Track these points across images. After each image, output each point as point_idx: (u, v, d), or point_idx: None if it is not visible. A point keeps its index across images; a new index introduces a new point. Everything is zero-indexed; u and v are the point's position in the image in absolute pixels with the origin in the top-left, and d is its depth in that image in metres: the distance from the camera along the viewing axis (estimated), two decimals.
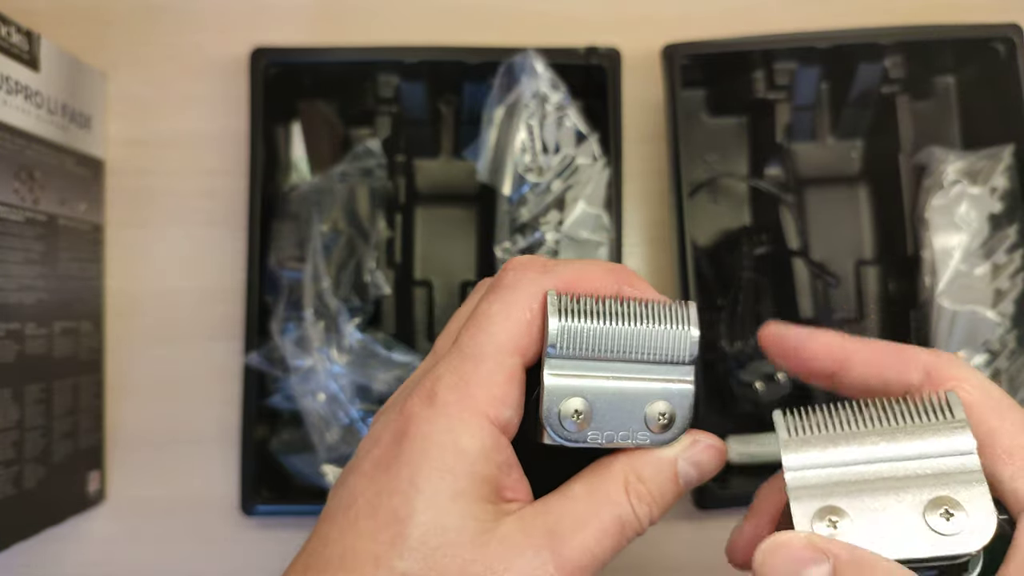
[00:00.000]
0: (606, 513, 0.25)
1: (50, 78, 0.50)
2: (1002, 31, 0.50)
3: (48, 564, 0.54)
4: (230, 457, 0.53)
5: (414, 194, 0.56)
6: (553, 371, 0.25)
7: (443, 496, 0.24)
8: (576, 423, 0.25)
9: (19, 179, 0.47)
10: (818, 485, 0.24)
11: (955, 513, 0.22)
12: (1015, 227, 0.50)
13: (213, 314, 0.55)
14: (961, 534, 0.22)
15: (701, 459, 0.26)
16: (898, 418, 0.24)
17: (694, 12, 0.57)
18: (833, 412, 0.25)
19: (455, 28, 0.57)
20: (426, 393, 0.25)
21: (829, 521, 0.23)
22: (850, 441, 0.24)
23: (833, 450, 0.24)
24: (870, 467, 0.24)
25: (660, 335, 0.25)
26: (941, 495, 0.22)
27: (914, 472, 0.23)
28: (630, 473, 0.25)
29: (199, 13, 0.58)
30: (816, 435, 0.25)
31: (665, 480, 0.26)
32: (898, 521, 0.22)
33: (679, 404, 0.25)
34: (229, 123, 0.56)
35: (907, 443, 0.23)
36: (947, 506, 0.22)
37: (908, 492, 0.23)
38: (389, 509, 0.24)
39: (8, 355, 0.46)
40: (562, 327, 0.25)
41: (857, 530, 0.23)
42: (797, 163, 0.55)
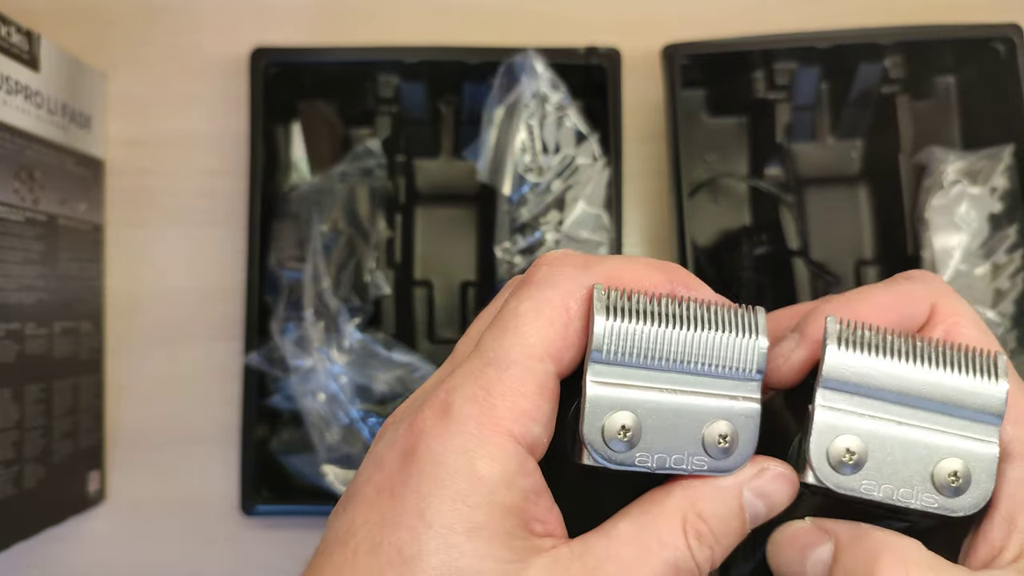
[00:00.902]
0: (658, 558, 0.21)
1: (50, 78, 0.50)
2: (1002, 31, 0.50)
3: (48, 564, 0.54)
4: (230, 457, 0.53)
5: (414, 194, 0.56)
6: (597, 378, 0.22)
7: (457, 532, 0.20)
8: (623, 442, 0.21)
9: (19, 179, 0.47)
10: (848, 411, 0.22)
11: (961, 478, 0.22)
12: (1015, 227, 0.50)
13: (213, 314, 0.55)
14: (959, 499, 0.22)
15: (770, 490, 0.22)
16: (948, 363, 0.23)
17: (694, 12, 0.57)
18: (889, 337, 0.23)
19: (455, 28, 0.57)
20: (439, 405, 0.21)
21: (848, 453, 0.22)
22: (895, 373, 0.23)
23: (875, 378, 0.23)
24: (904, 405, 0.23)
25: (723, 343, 0.22)
26: (957, 459, 0.22)
27: (939, 426, 0.22)
28: (688, 509, 0.21)
29: (199, 13, 0.58)
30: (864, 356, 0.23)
31: (730, 516, 0.22)
32: (906, 473, 0.22)
33: (743, 425, 0.22)
34: (229, 123, 0.56)
35: (947, 393, 0.22)
36: (957, 471, 0.22)
37: (927, 445, 0.22)
38: (393, 546, 0.20)
39: (8, 355, 0.46)
40: (610, 327, 0.21)
41: (869, 470, 0.22)
42: (797, 163, 0.55)
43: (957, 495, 0.22)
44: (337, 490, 0.48)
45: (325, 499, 0.49)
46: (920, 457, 0.22)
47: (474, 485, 0.20)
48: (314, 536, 0.57)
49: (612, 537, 0.21)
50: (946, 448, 0.22)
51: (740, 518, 0.22)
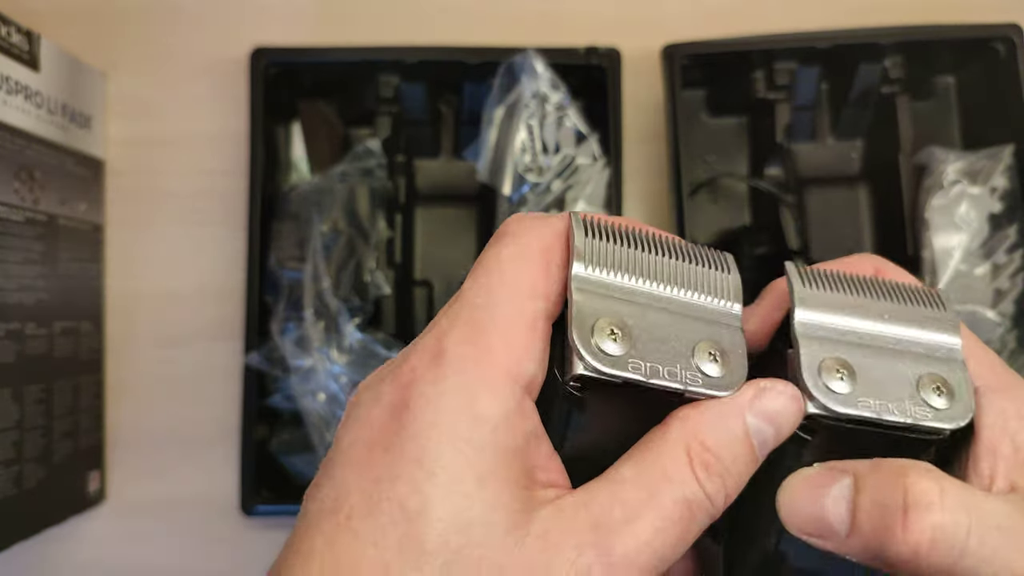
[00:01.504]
0: (667, 497, 0.19)
1: (50, 78, 0.50)
2: (1002, 31, 0.50)
3: (48, 564, 0.54)
4: (230, 457, 0.53)
5: (414, 194, 0.56)
6: (582, 287, 0.21)
7: (465, 480, 0.18)
8: (614, 343, 0.20)
9: (19, 179, 0.47)
10: (826, 337, 0.23)
11: (944, 390, 0.22)
12: (1015, 227, 0.50)
13: (213, 314, 0.55)
14: (947, 411, 0.22)
15: (774, 409, 0.21)
16: (899, 297, 0.24)
17: (694, 12, 0.57)
18: (843, 276, 0.24)
19: (455, 28, 0.57)
20: (430, 351, 0.20)
21: (838, 371, 0.22)
22: (858, 303, 0.24)
23: (841, 307, 0.23)
24: (874, 330, 0.23)
25: (701, 274, 0.22)
26: (934, 370, 0.23)
27: (911, 348, 0.23)
28: (691, 439, 0.20)
29: (199, 13, 0.58)
30: (826, 292, 0.24)
31: (735, 442, 0.21)
32: (894, 387, 0.22)
33: (731, 347, 0.22)
34: (229, 123, 0.56)
35: (908, 318, 0.24)
36: (939, 383, 0.23)
37: (906, 362, 0.23)
38: (394, 502, 0.18)
39: (8, 355, 0.46)
40: (590, 242, 0.21)
41: (860, 388, 0.22)
42: (797, 163, 0.55)
43: (946, 407, 0.22)
44: None
45: None
46: (903, 374, 0.23)
47: (476, 426, 0.19)
48: None
49: (616, 482, 0.20)
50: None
51: (747, 444, 0.21)
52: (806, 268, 0.25)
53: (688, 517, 0.20)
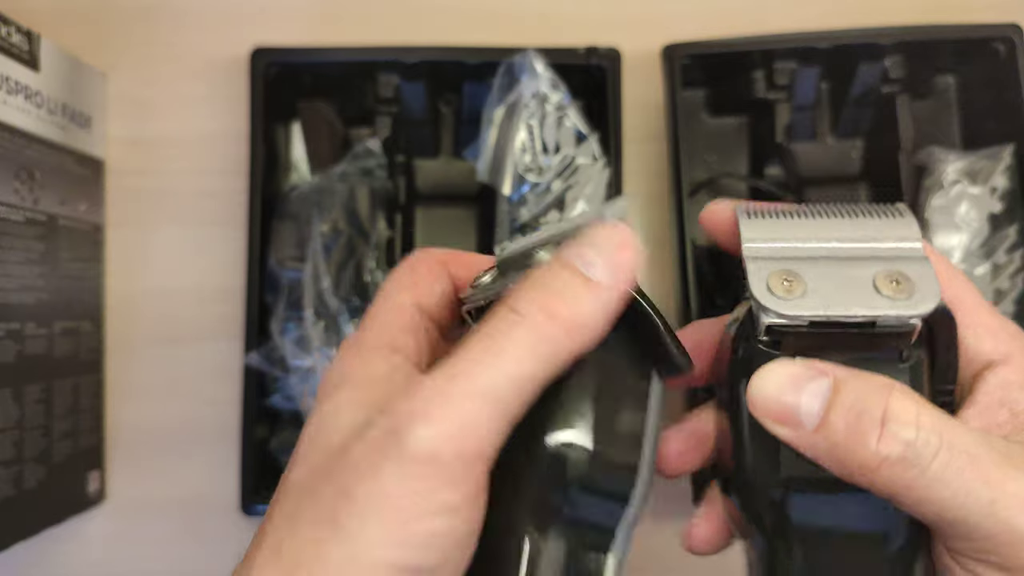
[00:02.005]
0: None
1: (50, 78, 0.51)
2: (1002, 31, 0.51)
3: (48, 564, 0.54)
4: (230, 457, 0.53)
5: (414, 194, 0.56)
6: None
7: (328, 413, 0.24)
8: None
9: (19, 179, 0.47)
10: (774, 255, 0.24)
11: (903, 282, 0.23)
12: (1015, 227, 0.50)
13: (213, 314, 0.55)
14: (911, 299, 0.22)
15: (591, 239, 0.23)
16: (851, 211, 0.25)
17: (694, 12, 0.58)
18: (797, 207, 0.26)
19: (455, 28, 0.57)
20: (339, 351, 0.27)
21: (786, 282, 0.23)
22: (806, 223, 0.25)
23: (789, 228, 0.25)
24: (824, 244, 0.24)
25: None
26: (891, 268, 0.23)
27: (865, 251, 0.24)
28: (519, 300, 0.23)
29: (199, 13, 0.58)
30: (774, 219, 0.25)
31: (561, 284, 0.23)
32: (850, 286, 0.23)
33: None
34: (229, 123, 0.56)
35: (860, 229, 0.24)
36: (896, 277, 0.23)
37: (860, 264, 0.23)
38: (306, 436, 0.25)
39: (8, 355, 0.46)
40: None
41: (811, 292, 0.23)
42: (797, 163, 0.56)
43: (907, 296, 0.23)
44: None
45: None
46: (858, 275, 0.23)
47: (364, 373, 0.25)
48: None
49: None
50: (880, 264, 0.23)
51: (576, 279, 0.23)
52: (759, 205, 0.26)
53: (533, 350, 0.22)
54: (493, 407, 0.21)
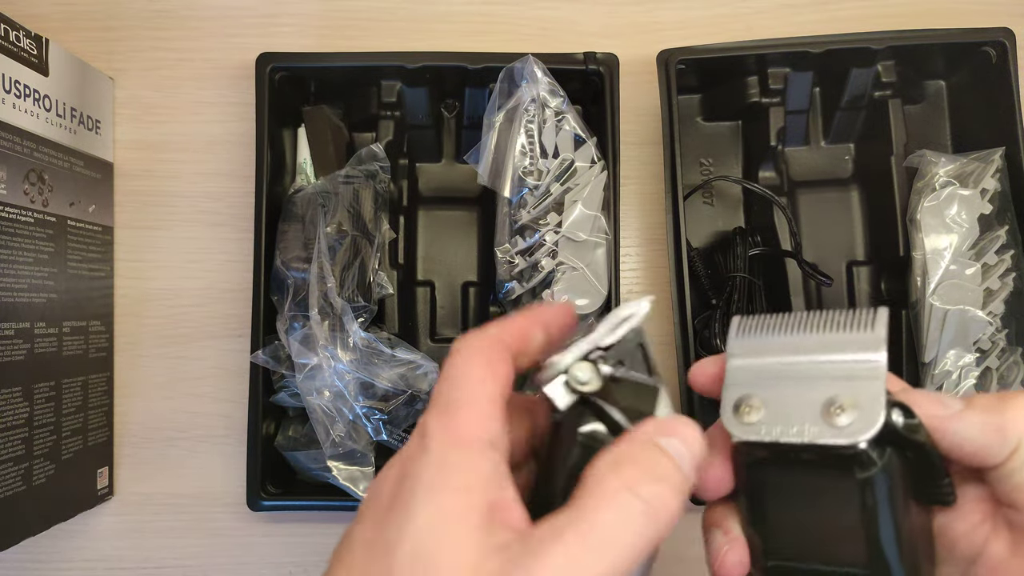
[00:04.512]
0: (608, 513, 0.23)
1: (59, 82, 0.51)
2: (993, 35, 0.51)
3: (57, 559, 0.55)
4: (237, 453, 0.54)
5: (417, 196, 0.57)
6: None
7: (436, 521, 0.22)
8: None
9: (29, 181, 0.48)
10: (745, 378, 0.27)
11: (847, 408, 0.24)
12: (1005, 228, 0.50)
13: (220, 313, 0.56)
14: (851, 425, 0.24)
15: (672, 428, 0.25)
16: (829, 324, 0.26)
17: (690, 19, 0.58)
18: (780, 316, 0.27)
19: (456, 35, 0.58)
20: (417, 434, 0.25)
21: (746, 407, 0.26)
22: (782, 339, 0.27)
23: (765, 346, 0.27)
24: (791, 360, 0.26)
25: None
26: (839, 393, 0.25)
27: (827, 370, 0.25)
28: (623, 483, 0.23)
29: (206, 19, 0.58)
30: (758, 334, 0.27)
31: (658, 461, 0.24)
32: (799, 410, 0.25)
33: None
34: (236, 127, 0.57)
35: (828, 342, 0.26)
36: (841, 402, 0.24)
37: (816, 387, 0.25)
38: (383, 542, 0.22)
39: (18, 353, 0.46)
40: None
41: (765, 417, 0.26)
42: (790, 166, 0.56)
43: (848, 423, 0.24)
44: (342, 485, 0.49)
45: (330, 494, 0.50)
46: (810, 399, 0.25)
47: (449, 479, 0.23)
48: (318, 530, 0.58)
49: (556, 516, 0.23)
50: (834, 386, 0.25)
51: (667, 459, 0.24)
52: (750, 320, 0.28)
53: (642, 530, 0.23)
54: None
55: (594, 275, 0.48)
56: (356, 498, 0.49)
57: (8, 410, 0.45)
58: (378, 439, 0.49)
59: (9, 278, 0.46)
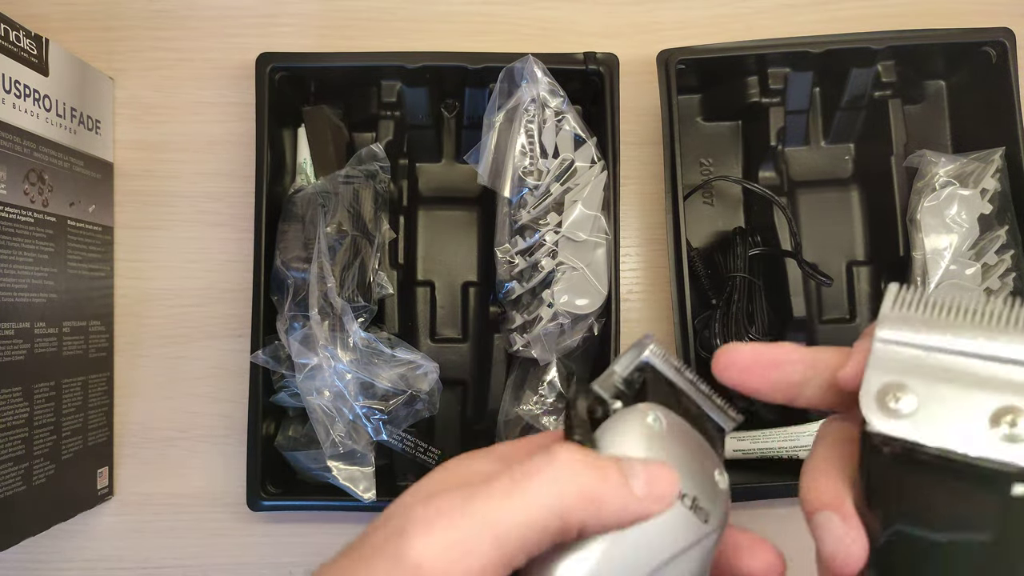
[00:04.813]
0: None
1: (60, 82, 0.51)
2: (993, 35, 0.51)
3: (57, 559, 0.55)
4: (237, 453, 0.54)
5: (417, 197, 0.57)
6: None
7: (418, 486, 0.25)
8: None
9: (29, 181, 0.48)
10: (898, 361, 0.22)
11: (1020, 424, 0.20)
12: (1005, 228, 0.50)
13: (220, 313, 0.56)
14: (1020, 444, 0.20)
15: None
16: (1003, 318, 0.22)
17: (690, 19, 0.58)
18: (945, 299, 0.23)
19: (456, 36, 0.58)
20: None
21: (895, 396, 0.22)
22: (946, 329, 0.22)
23: (926, 333, 0.22)
24: (957, 359, 0.22)
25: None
26: (1015, 404, 0.21)
27: (999, 375, 0.21)
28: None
29: (206, 20, 0.58)
30: (917, 314, 0.23)
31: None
32: (962, 415, 0.21)
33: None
34: (236, 127, 0.57)
35: (1002, 344, 0.21)
36: (1016, 415, 0.20)
37: (984, 391, 0.21)
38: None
39: (18, 353, 0.46)
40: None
41: (919, 411, 0.21)
42: (790, 166, 0.56)
43: (1017, 442, 0.20)
44: (342, 485, 0.49)
45: (330, 494, 0.50)
46: (977, 403, 0.21)
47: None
48: (318, 530, 0.58)
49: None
50: (1009, 392, 0.21)
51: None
52: (911, 290, 0.23)
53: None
54: (493, 542, 0.21)
55: (594, 275, 0.48)
56: (356, 498, 0.49)
57: (8, 410, 0.45)
58: (378, 439, 0.49)
59: (9, 278, 0.46)
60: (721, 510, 0.25)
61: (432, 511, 0.22)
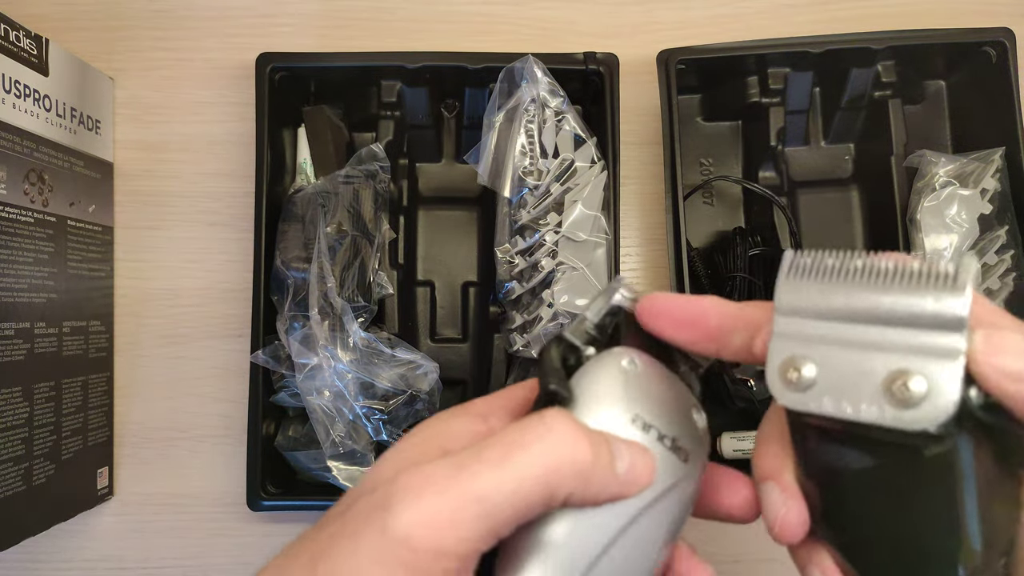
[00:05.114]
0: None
1: (60, 82, 0.51)
2: (993, 35, 0.51)
3: (58, 559, 0.55)
4: (237, 453, 0.54)
5: (417, 197, 0.57)
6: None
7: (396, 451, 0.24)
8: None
9: (29, 181, 0.48)
10: (797, 333, 0.22)
11: (914, 388, 0.20)
12: (1005, 228, 0.50)
13: (220, 313, 0.56)
14: (918, 407, 0.20)
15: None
16: (902, 276, 0.21)
17: (690, 19, 0.58)
18: (842, 258, 0.22)
19: (456, 35, 0.58)
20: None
21: (793, 371, 0.22)
22: (843, 293, 0.22)
23: (820, 301, 0.22)
24: (854, 325, 0.22)
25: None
26: (909, 366, 0.20)
27: (895, 338, 0.21)
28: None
29: (206, 19, 0.58)
30: (814, 280, 0.23)
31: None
32: (860, 381, 0.21)
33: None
34: (236, 127, 0.57)
35: (899, 305, 0.21)
36: (908, 379, 0.20)
37: (881, 356, 0.21)
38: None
39: (18, 353, 0.46)
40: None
41: (819, 384, 0.22)
42: (790, 166, 0.56)
43: (916, 406, 0.20)
44: (342, 485, 0.49)
45: (330, 494, 0.50)
46: (873, 369, 0.21)
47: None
48: None
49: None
50: (902, 357, 0.21)
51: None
52: (805, 255, 0.23)
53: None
54: (484, 513, 0.21)
55: (594, 275, 0.48)
56: None
57: (8, 410, 0.45)
58: (378, 439, 0.49)
59: (9, 278, 0.46)
60: (701, 448, 0.26)
61: (419, 480, 0.21)
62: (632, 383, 0.25)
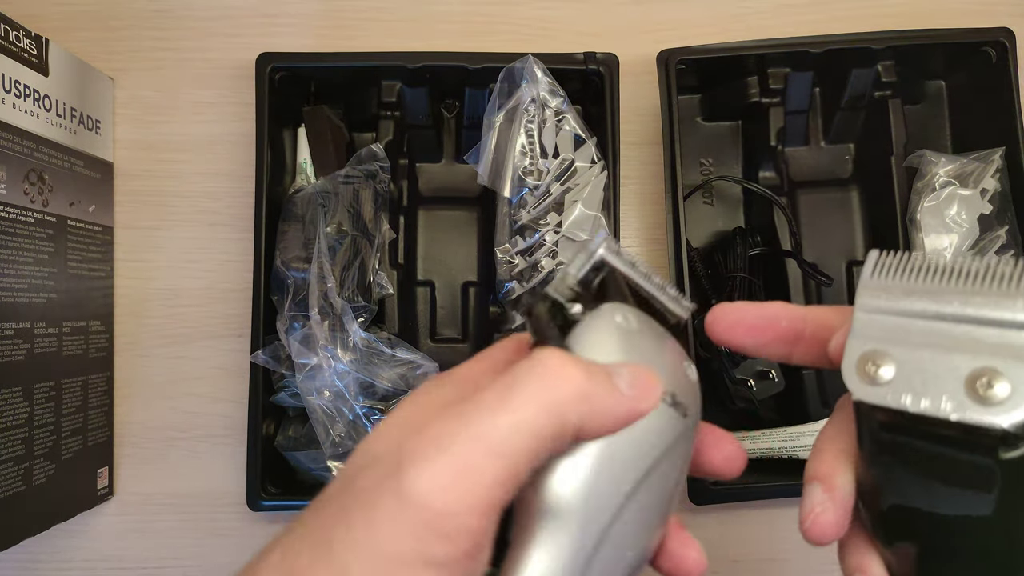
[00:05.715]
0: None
1: (60, 82, 0.51)
2: (994, 35, 0.51)
3: (57, 559, 0.55)
4: (237, 453, 0.54)
5: (417, 197, 0.57)
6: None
7: (390, 422, 0.24)
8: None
9: (29, 181, 0.48)
10: (878, 330, 0.23)
11: (997, 387, 0.21)
12: (1005, 228, 0.50)
13: (220, 313, 0.56)
14: (999, 408, 0.20)
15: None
16: (990, 278, 0.22)
17: (690, 19, 0.58)
18: (928, 259, 0.23)
19: (456, 36, 0.58)
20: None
21: (872, 365, 0.22)
22: (924, 293, 0.22)
23: (905, 299, 0.23)
24: (935, 323, 0.22)
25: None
26: (994, 366, 0.21)
27: (975, 336, 0.21)
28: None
29: (207, 19, 0.58)
30: (899, 279, 0.23)
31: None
32: (941, 379, 0.21)
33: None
34: (236, 127, 0.57)
35: (988, 305, 0.21)
36: (993, 377, 0.21)
37: (961, 354, 0.21)
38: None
39: (18, 353, 0.46)
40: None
41: (897, 380, 0.22)
42: (790, 166, 0.56)
43: (999, 403, 0.20)
44: None
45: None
46: (953, 366, 0.21)
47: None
48: None
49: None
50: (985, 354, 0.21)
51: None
52: (890, 256, 0.24)
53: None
54: (496, 455, 0.20)
55: None
56: None
57: (8, 410, 0.45)
58: None
59: (9, 278, 0.46)
60: (696, 404, 0.26)
61: (427, 441, 0.21)
62: (627, 339, 0.25)
